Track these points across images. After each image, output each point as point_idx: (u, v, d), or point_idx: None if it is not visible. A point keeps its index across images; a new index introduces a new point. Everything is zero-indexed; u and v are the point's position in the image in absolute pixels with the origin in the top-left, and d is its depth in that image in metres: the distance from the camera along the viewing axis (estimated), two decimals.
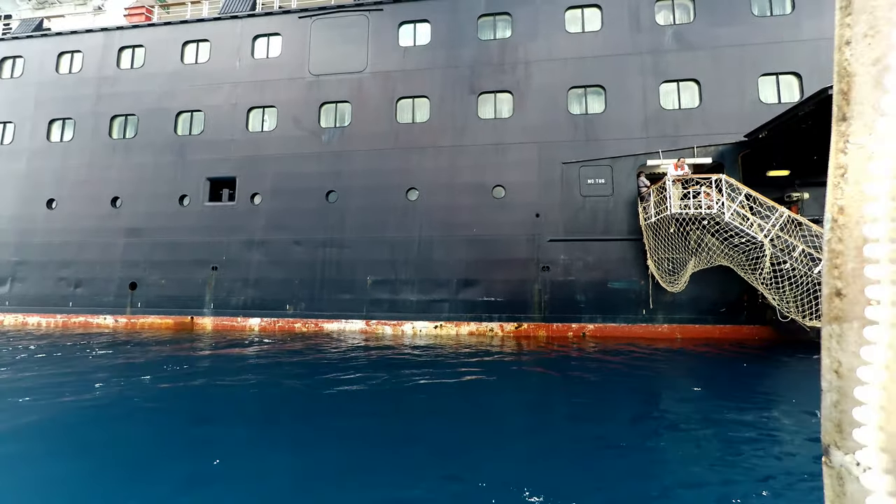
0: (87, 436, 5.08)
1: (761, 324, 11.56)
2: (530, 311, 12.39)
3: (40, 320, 14.69)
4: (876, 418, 0.69)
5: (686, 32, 12.69)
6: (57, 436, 5.06)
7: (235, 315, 13.72)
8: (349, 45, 14.31)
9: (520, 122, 13.09)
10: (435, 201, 13.10)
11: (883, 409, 0.68)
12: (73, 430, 5.24)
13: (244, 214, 14.14)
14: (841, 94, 0.73)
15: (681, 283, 11.42)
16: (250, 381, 7.64)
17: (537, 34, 13.38)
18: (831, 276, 0.74)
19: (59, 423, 5.44)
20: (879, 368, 0.68)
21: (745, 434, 5.08)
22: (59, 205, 15.12)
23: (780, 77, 12.18)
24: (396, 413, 6.02)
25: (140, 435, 5.08)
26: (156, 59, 15.38)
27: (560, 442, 4.90)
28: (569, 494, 3.60)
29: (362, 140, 13.84)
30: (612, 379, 8.03)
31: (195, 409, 6.13)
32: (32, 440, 4.90)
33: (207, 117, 14.78)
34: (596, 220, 12.44)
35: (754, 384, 7.85)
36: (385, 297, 13.06)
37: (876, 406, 0.69)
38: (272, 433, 5.25)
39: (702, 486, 3.87)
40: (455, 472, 4.05)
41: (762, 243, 10.11)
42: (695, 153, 12.17)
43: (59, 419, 5.51)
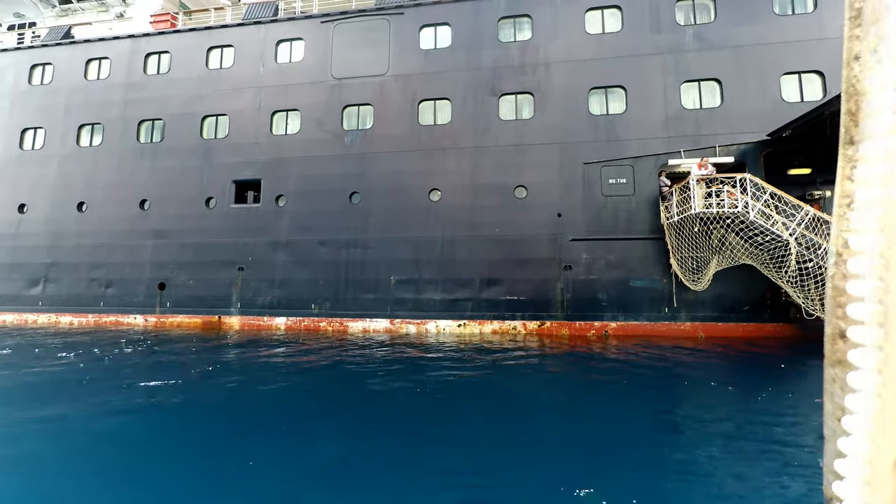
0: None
1: (785, 322, 11.62)
2: (553, 310, 12.54)
3: (72, 320, 15.13)
4: (860, 471, 0.62)
5: (707, 32, 12.76)
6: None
7: (262, 315, 14.03)
8: (371, 49, 14.56)
9: (541, 122, 13.25)
10: (457, 202, 13.30)
11: (869, 463, 0.61)
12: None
13: (269, 216, 14.45)
14: (849, 114, 0.65)
15: (704, 282, 11.52)
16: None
17: (557, 36, 13.52)
18: (834, 316, 0.66)
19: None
20: (865, 419, 0.62)
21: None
22: (89, 208, 15.55)
23: (803, 76, 12.21)
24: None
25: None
26: (181, 65, 15.75)
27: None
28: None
29: (384, 142, 14.08)
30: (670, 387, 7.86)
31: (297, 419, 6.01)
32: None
33: (232, 121, 15.12)
34: (618, 219, 12.57)
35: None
36: (409, 296, 13.29)
37: (860, 459, 0.62)
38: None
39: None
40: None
41: (787, 242, 10.19)
42: (717, 152, 12.25)
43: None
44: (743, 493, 3.72)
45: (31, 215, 15.87)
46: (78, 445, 4.79)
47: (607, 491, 3.67)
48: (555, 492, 3.68)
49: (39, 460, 4.37)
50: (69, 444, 4.81)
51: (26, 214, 15.92)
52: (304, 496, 3.75)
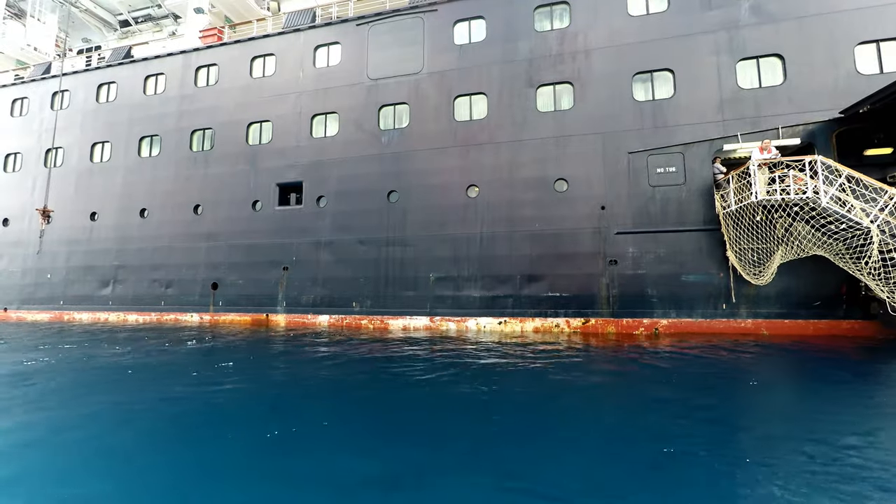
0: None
1: (864, 318, 10.49)
2: (597, 307, 12.05)
3: (137, 318, 16.37)
4: None
5: (766, 3, 11.74)
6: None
7: (306, 312, 14.51)
8: (406, 48, 14.64)
9: (581, 112, 12.76)
10: (496, 197, 13.09)
11: None
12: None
13: (311, 217, 14.91)
14: None
15: (767, 276, 10.63)
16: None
17: (598, 20, 12.96)
18: None
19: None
20: None
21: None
22: (150, 214, 16.75)
23: (882, 44, 10.94)
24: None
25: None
26: (228, 76, 16.59)
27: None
28: None
29: (421, 140, 14.11)
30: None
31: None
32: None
33: (275, 126, 15.73)
34: (667, 210, 11.86)
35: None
36: (448, 293, 13.25)
37: None
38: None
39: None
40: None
41: (868, 229, 9.16)
42: (780, 134, 11.26)
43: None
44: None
45: (101, 222, 17.32)
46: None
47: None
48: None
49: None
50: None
51: (97, 221, 17.40)
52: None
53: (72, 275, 17.39)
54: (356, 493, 3.66)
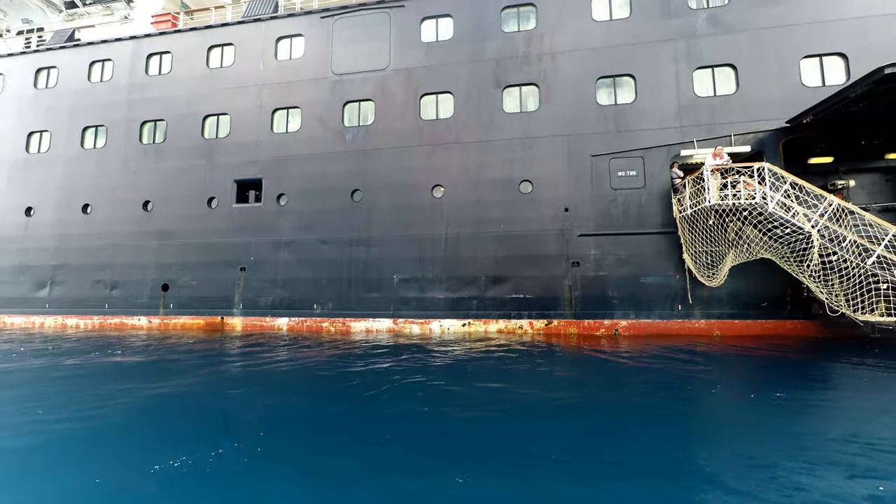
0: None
1: (806, 318, 11.03)
2: (560, 308, 12.13)
3: (78, 322, 15.17)
4: None
5: (721, 15, 12.18)
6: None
7: (264, 315, 13.87)
8: (371, 43, 14.27)
9: (547, 114, 12.82)
10: (461, 198, 12.95)
11: None
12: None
13: (271, 215, 14.29)
14: None
15: (720, 277, 10.99)
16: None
17: (563, 24, 13.06)
18: None
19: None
20: None
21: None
22: (94, 210, 15.57)
23: (824, 59, 11.56)
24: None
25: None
26: (182, 65, 15.67)
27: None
28: None
29: (386, 138, 13.79)
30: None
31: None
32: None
33: (234, 120, 14.98)
34: (628, 213, 12.09)
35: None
36: (412, 295, 12.99)
37: None
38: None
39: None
40: None
41: (809, 234, 9.62)
42: (732, 141, 11.68)
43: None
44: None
45: (38, 218, 15.96)
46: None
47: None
48: None
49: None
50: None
51: (33, 217, 16.02)
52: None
53: (3, 275, 15.93)
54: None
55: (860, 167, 12.35)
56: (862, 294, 9.43)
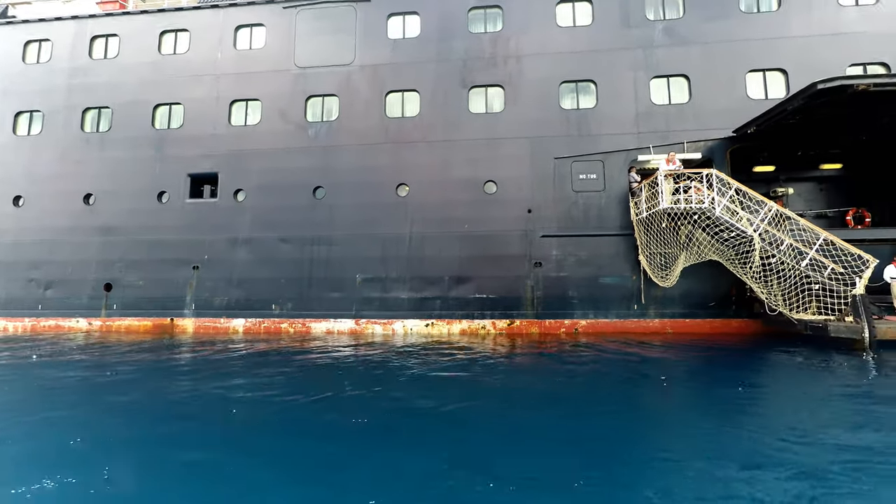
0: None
1: (749, 317, 11.69)
2: (523, 308, 12.27)
3: (6, 324, 13.88)
4: None
5: (676, 27, 12.73)
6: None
7: (218, 316, 13.21)
8: (336, 37, 13.92)
9: (512, 116, 12.94)
10: (426, 197, 12.85)
11: None
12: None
13: (227, 211, 13.63)
14: None
15: (672, 278, 11.47)
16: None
17: (529, 28, 13.24)
18: None
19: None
20: None
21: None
22: (27, 202, 14.30)
23: (767, 73, 12.32)
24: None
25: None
26: (131, 50, 14.68)
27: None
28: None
29: (351, 135, 13.48)
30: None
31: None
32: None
33: (187, 110, 14.19)
34: (588, 215, 12.39)
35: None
36: (375, 295, 12.76)
37: None
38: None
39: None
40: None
41: (751, 237, 10.20)
42: (685, 148, 12.23)
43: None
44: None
45: None
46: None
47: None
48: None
49: None
50: None
51: None
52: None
53: None
54: None
55: (798, 176, 13.27)
56: (797, 294, 10.10)
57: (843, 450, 4.23)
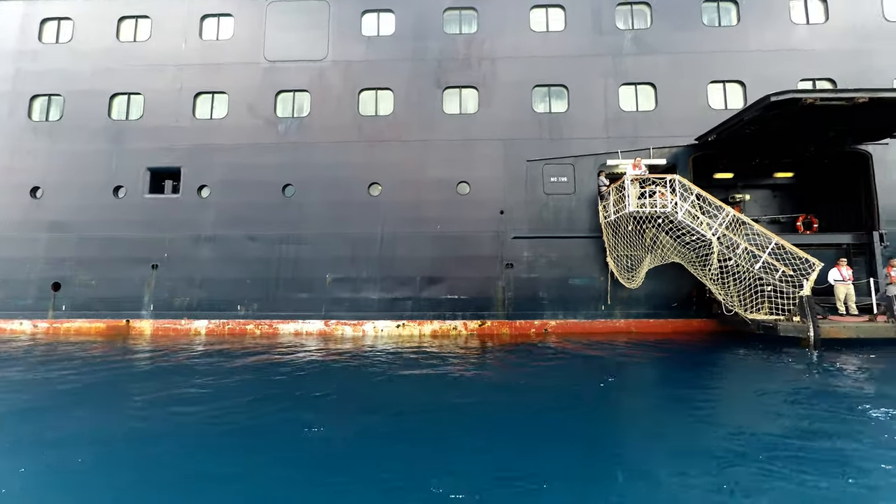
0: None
1: (708, 317, 12.20)
2: (494, 309, 12.34)
3: None
4: None
5: (644, 37, 13.15)
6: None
7: (179, 317, 12.62)
8: (308, 32, 13.60)
9: (485, 118, 13.01)
10: (398, 197, 12.73)
11: None
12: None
13: (190, 208, 13.05)
14: None
15: (637, 280, 11.82)
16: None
17: (503, 31, 13.36)
18: None
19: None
20: None
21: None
22: None
23: (727, 84, 12.91)
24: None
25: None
26: (86, 35, 13.84)
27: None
28: None
29: (322, 132, 13.19)
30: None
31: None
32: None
33: (148, 101, 13.50)
34: (559, 217, 12.61)
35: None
36: (346, 295, 12.52)
37: None
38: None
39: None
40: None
41: (710, 241, 10.65)
42: (651, 154, 12.64)
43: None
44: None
45: None
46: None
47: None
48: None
49: None
50: None
51: None
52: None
53: None
54: None
55: (754, 183, 13.98)
56: (751, 295, 10.63)
57: (770, 441, 4.46)
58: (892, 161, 12.26)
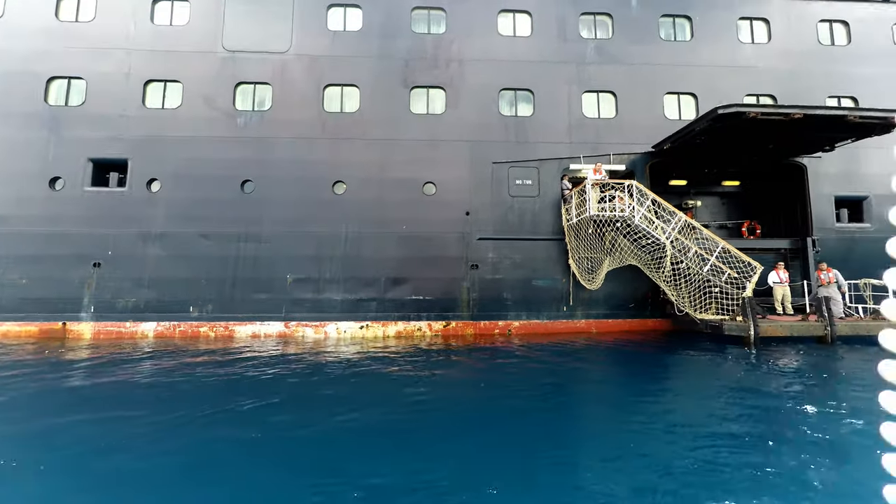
0: None
1: (662, 317, 12.79)
2: (458, 310, 12.37)
3: None
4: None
5: (606, 47, 13.62)
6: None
7: (123, 320, 11.79)
8: (271, 23, 13.11)
9: (452, 119, 13.03)
10: (363, 196, 12.50)
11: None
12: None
13: (138, 203, 12.24)
14: None
15: (598, 281, 12.22)
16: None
17: (471, 33, 13.43)
18: None
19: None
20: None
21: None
22: None
23: (681, 96, 13.61)
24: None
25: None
26: (19, 11, 12.68)
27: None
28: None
29: (285, 127, 12.75)
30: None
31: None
32: None
33: (91, 86, 12.55)
34: (523, 219, 12.81)
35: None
36: (307, 296, 12.15)
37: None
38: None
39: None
40: None
41: (664, 244, 11.17)
42: (611, 160, 13.11)
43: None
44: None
45: None
46: None
47: None
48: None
49: None
50: None
51: None
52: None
53: None
54: None
55: (705, 191, 14.81)
56: (700, 296, 11.23)
57: (693, 434, 4.72)
58: (824, 173, 13.35)
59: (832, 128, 10.99)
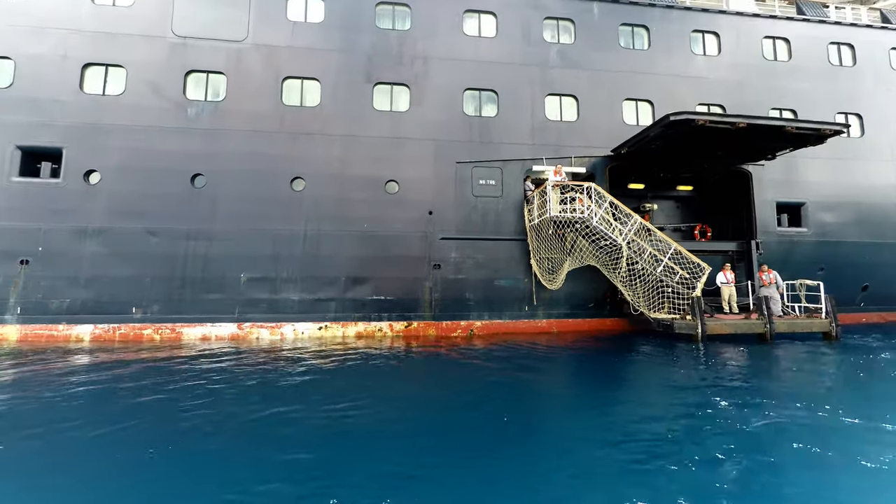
0: None
1: (619, 316, 13.17)
2: (420, 310, 12.23)
3: None
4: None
5: (568, 52, 13.89)
6: None
7: (56, 322, 10.87)
8: (226, 9, 12.49)
9: (416, 117, 12.88)
10: (324, 193, 12.13)
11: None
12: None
13: (74, 195, 11.33)
14: None
15: (558, 281, 12.41)
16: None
17: (436, 31, 13.34)
18: None
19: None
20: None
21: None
22: None
23: (639, 103, 14.09)
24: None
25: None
26: None
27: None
28: None
29: (240, 119, 12.17)
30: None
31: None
32: None
33: (20, 67, 11.50)
34: (486, 220, 12.84)
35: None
36: (263, 296, 11.65)
37: None
38: None
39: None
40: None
41: (621, 246, 11.50)
42: (572, 162, 13.37)
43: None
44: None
45: None
46: None
47: None
48: None
49: None
50: None
51: None
52: None
53: None
54: None
55: (661, 195, 15.40)
56: (654, 296, 11.64)
57: (635, 430, 4.84)
58: (767, 180, 14.20)
59: (773, 138, 11.68)
